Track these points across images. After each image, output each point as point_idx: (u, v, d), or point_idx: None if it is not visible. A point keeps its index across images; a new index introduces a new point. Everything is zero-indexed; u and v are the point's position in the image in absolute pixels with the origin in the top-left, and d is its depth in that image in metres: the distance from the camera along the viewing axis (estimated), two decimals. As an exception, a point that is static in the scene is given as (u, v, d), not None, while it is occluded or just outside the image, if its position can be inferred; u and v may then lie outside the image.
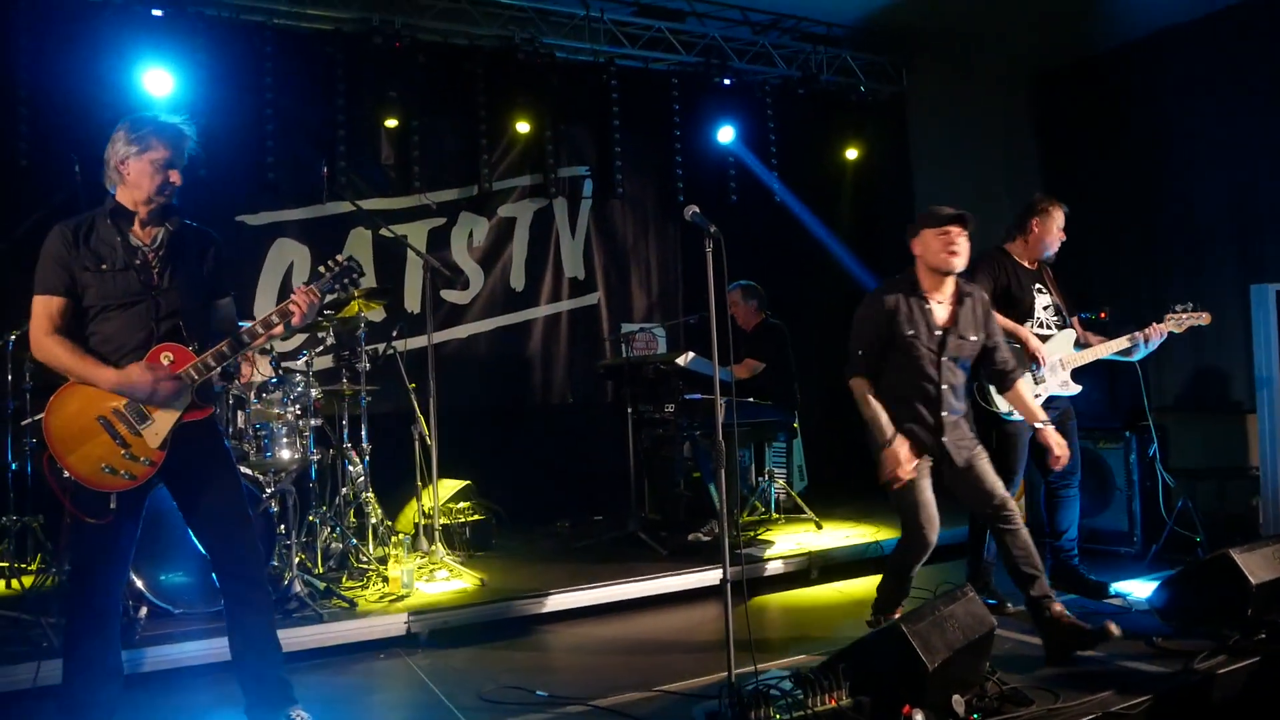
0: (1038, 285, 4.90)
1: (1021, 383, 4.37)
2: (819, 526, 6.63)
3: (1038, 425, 4.29)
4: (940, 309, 4.14)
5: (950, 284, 4.18)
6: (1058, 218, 4.89)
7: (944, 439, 4.08)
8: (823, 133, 8.77)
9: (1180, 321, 4.92)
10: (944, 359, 4.08)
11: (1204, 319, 4.96)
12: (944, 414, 4.08)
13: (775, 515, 7.03)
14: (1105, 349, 4.86)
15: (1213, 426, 6.69)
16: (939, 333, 4.10)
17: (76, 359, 3.15)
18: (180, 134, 3.27)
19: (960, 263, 4.07)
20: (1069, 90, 7.97)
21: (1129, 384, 5.76)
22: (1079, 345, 4.91)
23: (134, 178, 3.23)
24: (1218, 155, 6.88)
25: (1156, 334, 4.85)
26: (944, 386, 4.09)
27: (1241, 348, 6.16)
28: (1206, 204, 6.98)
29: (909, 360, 4.09)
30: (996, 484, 4.15)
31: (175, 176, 3.25)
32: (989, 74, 8.37)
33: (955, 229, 4.02)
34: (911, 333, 4.08)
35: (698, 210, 3.53)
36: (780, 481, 7.18)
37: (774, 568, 5.73)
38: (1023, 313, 4.80)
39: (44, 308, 3.18)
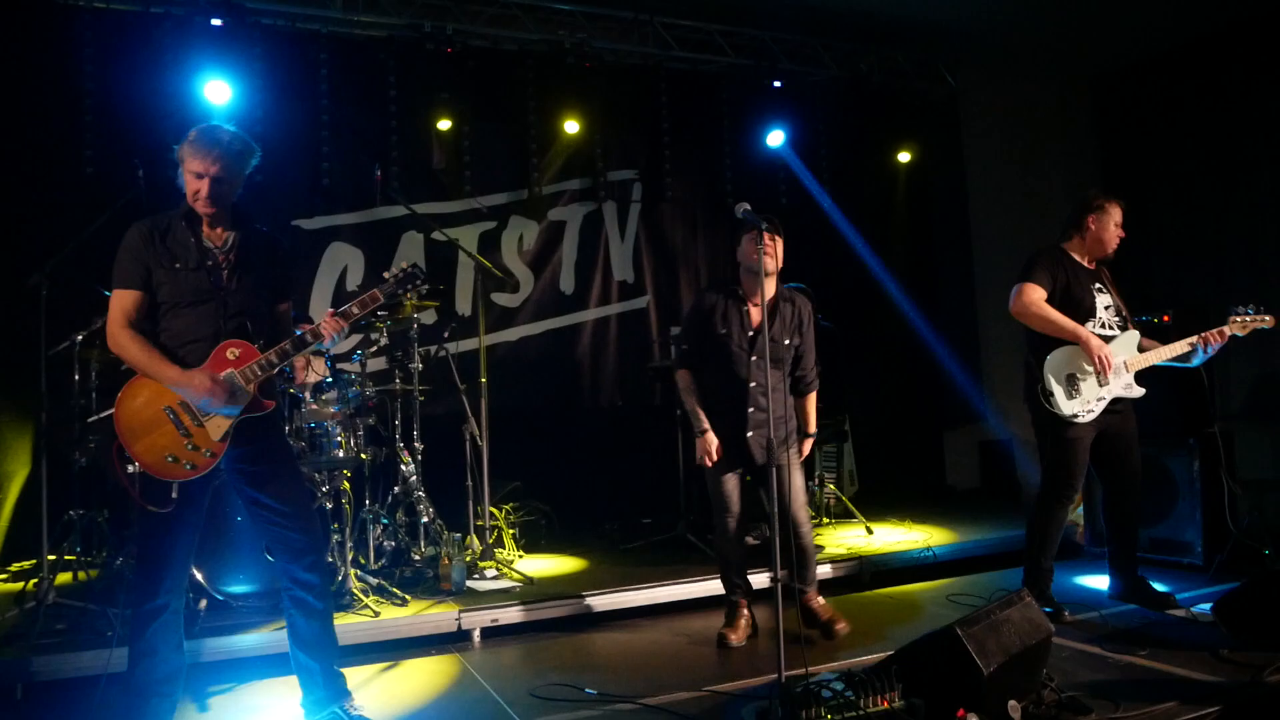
0: (1097, 285, 4.76)
1: (811, 397, 4.63)
2: (870, 531, 6.57)
3: None
4: (756, 311, 4.37)
5: (770, 287, 4.35)
6: (1115, 214, 4.74)
7: (747, 434, 4.33)
8: (874, 134, 8.69)
9: (1244, 324, 4.76)
10: (753, 358, 4.31)
11: (1268, 322, 4.79)
12: (749, 410, 4.34)
13: (825, 519, 6.99)
14: (1166, 352, 4.71)
15: (1282, 434, 6.53)
16: (750, 333, 4.35)
17: (145, 354, 3.25)
18: (211, 147, 3.30)
19: (772, 264, 4.26)
20: (1129, 90, 7.85)
21: (1193, 390, 5.59)
22: (1141, 348, 4.77)
23: (186, 187, 3.35)
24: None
25: (1218, 338, 4.68)
26: (752, 384, 4.32)
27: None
28: (1272, 205, 6.81)
29: (723, 357, 4.38)
30: (793, 495, 4.38)
31: (204, 188, 3.30)
32: (1045, 74, 8.26)
33: (767, 234, 4.02)
34: (724, 331, 4.36)
35: (749, 207, 3.53)
36: (831, 485, 7.13)
37: (825, 571, 5.67)
38: (1084, 313, 4.65)
39: (120, 302, 3.29)
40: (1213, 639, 4.13)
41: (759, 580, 5.28)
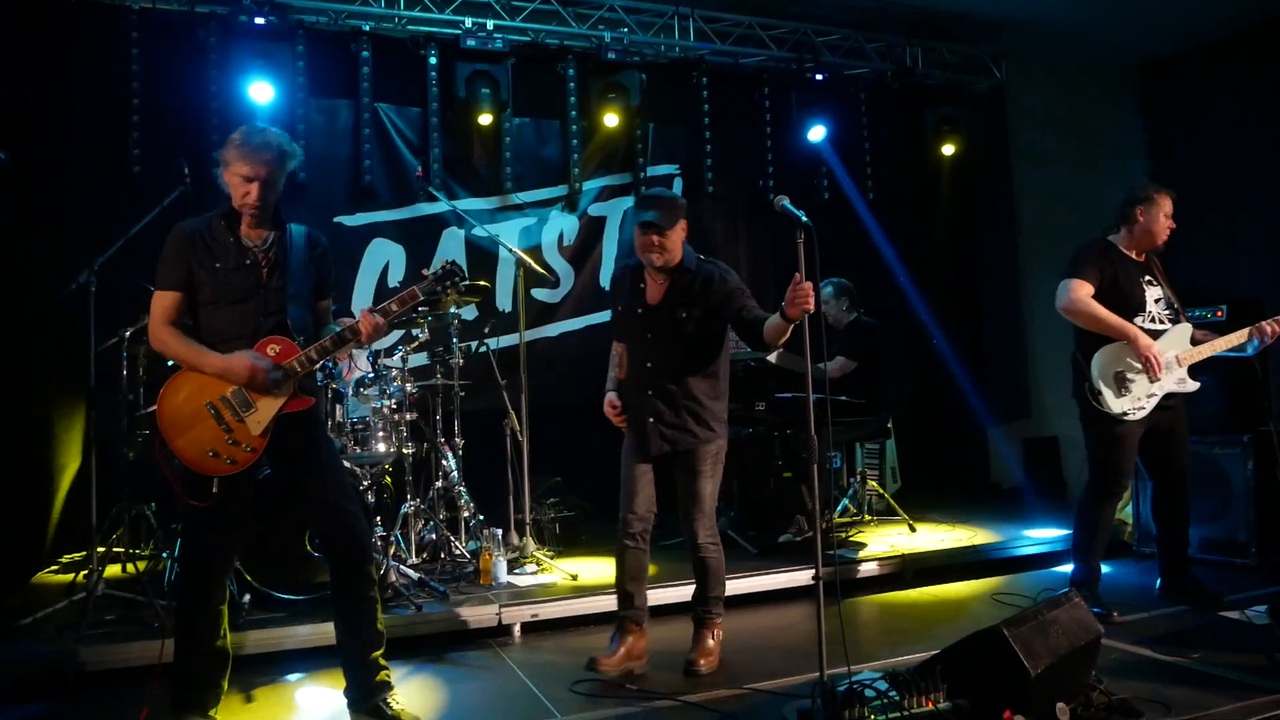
0: (1147, 277, 4.66)
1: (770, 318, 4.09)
2: (912, 529, 6.50)
3: None
4: (654, 288, 4.09)
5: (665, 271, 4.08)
6: (1165, 205, 4.64)
7: (648, 419, 4.05)
8: (918, 128, 8.55)
9: None
10: (647, 335, 4.08)
11: None
12: (648, 392, 4.05)
13: (867, 517, 6.93)
14: (1221, 344, 4.58)
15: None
16: (639, 310, 4.11)
17: (186, 347, 3.29)
18: (263, 149, 3.32)
19: (656, 259, 3.98)
20: (1180, 79, 7.66)
21: (1248, 386, 5.46)
22: (1194, 341, 4.67)
23: (229, 188, 3.37)
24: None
25: (1276, 328, 4.54)
26: (648, 364, 4.07)
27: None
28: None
29: (627, 333, 4.18)
30: (694, 501, 4.07)
31: (254, 190, 3.32)
32: (1092, 64, 8.10)
33: (652, 232, 3.93)
34: (621, 308, 4.18)
35: (788, 201, 3.47)
36: (873, 483, 7.06)
37: (867, 569, 5.63)
38: (1134, 307, 4.56)
39: (161, 302, 3.33)
40: (1267, 642, 4.03)
41: (798, 578, 5.26)
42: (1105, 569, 4.72)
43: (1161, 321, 4.62)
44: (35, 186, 5.81)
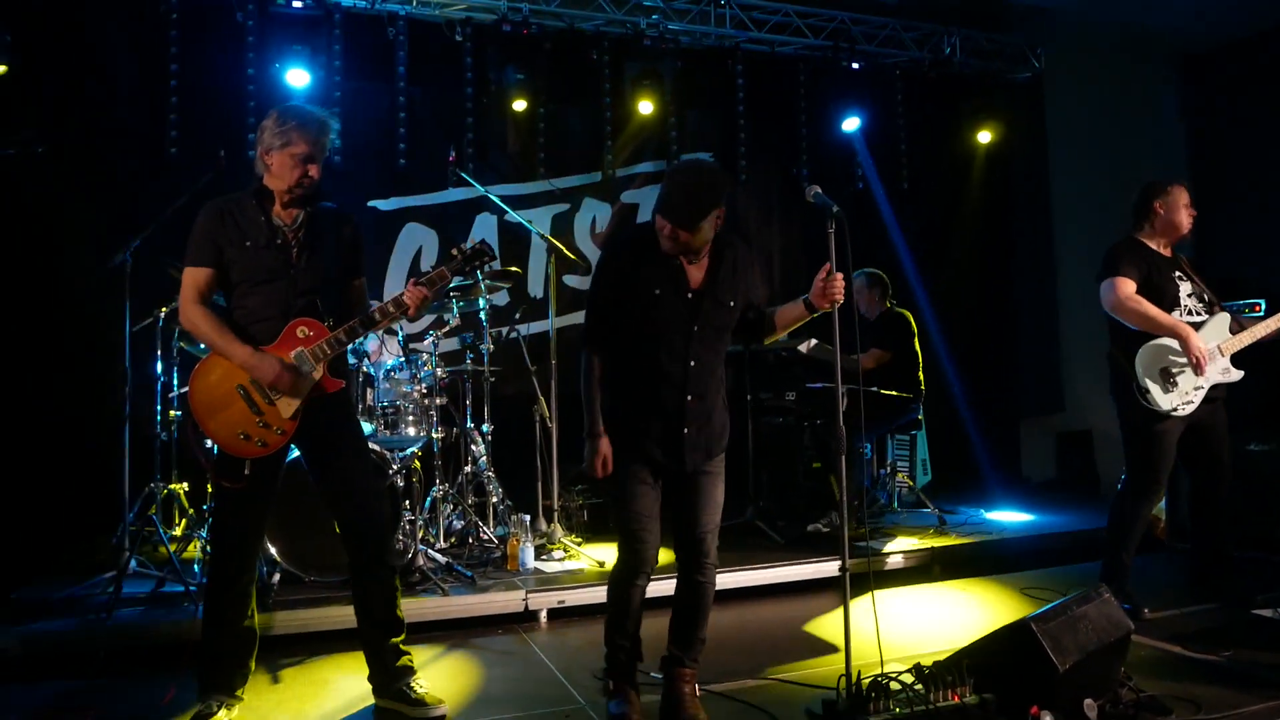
0: (1177, 273, 4.61)
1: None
2: (942, 521, 6.45)
3: None
4: (694, 269, 3.34)
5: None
6: (1181, 196, 4.61)
7: (683, 431, 3.33)
8: (954, 117, 8.46)
9: None
10: (695, 328, 3.33)
11: None
12: (688, 398, 3.33)
13: (897, 508, 6.88)
14: (1261, 329, 4.53)
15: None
16: (690, 295, 3.34)
17: (216, 331, 3.30)
18: (321, 129, 3.35)
19: (671, 249, 3.23)
20: (1220, 72, 7.54)
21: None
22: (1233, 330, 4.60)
23: (276, 169, 3.36)
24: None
25: None
26: (691, 363, 3.33)
27: None
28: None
29: (652, 327, 3.35)
30: (711, 514, 3.45)
31: (314, 170, 3.35)
32: (1133, 54, 7.97)
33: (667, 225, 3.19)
34: (657, 292, 3.30)
35: (820, 190, 3.42)
36: (902, 475, 7.01)
37: (895, 561, 5.60)
38: (1169, 302, 4.52)
39: (192, 279, 3.34)
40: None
41: (825, 569, 5.24)
42: (1136, 564, 4.65)
43: (1198, 314, 4.58)
44: (74, 168, 5.92)
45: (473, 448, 5.83)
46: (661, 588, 3.68)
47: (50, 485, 5.57)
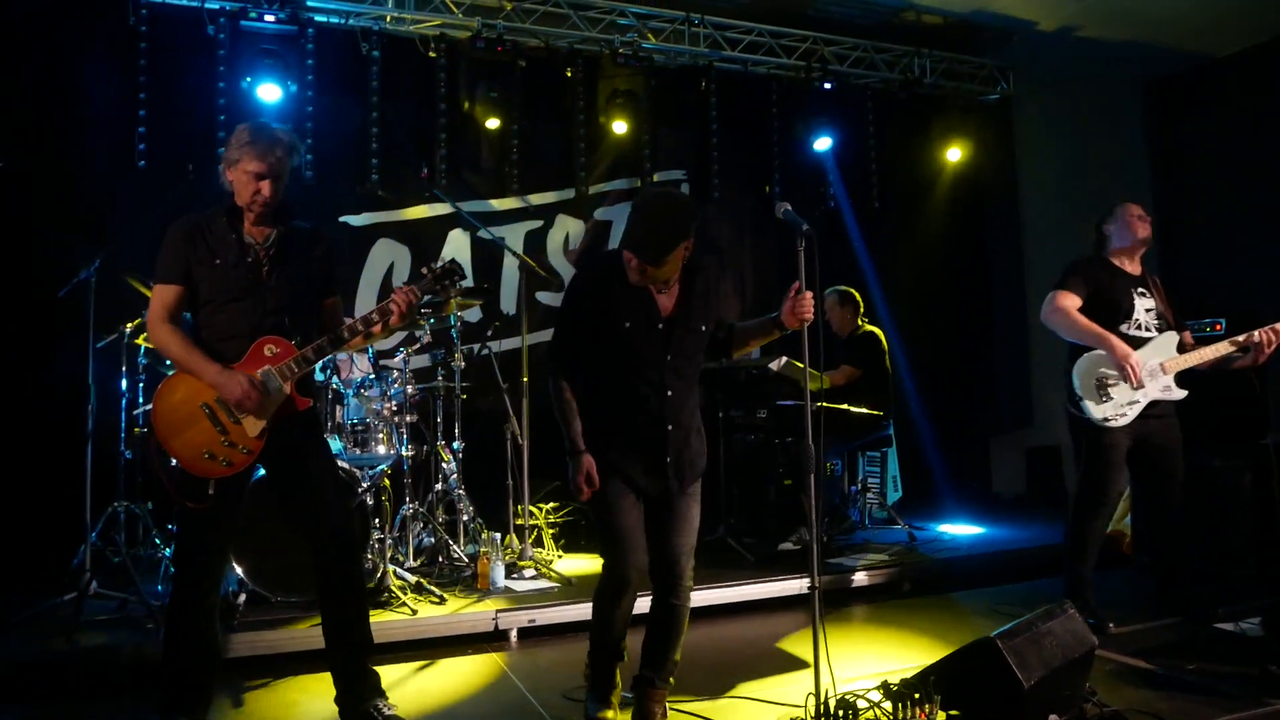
0: (1140, 289, 4.68)
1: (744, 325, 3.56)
2: (912, 538, 6.48)
3: None
4: (664, 296, 3.35)
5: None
6: (1127, 208, 4.74)
7: (666, 459, 3.35)
8: (925, 138, 8.55)
9: None
10: (668, 358, 3.34)
11: None
12: (669, 428, 3.35)
13: (868, 525, 6.91)
14: (1209, 353, 4.56)
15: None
16: (660, 325, 3.32)
17: (184, 349, 3.26)
18: (273, 146, 3.30)
19: (639, 281, 3.25)
20: (1185, 96, 7.68)
21: (1246, 399, 5.46)
22: (1182, 349, 4.66)
23: (235, 185, 3.35)
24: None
25: (1270, 338, 4.46)
26: (667, 392, 3.34)
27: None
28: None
29: (623, 357, 3.34)
30: (687, 537, 3.43)
31: (266, 188, 3.30)
32: (1099, 79, 8.10)
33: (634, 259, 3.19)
34: (627, 324, 3.29)
35: (790, 207, 3.43)
36: (873, 492, 7.05)
37: (864, 578, 5.61)
38: (1121, 314, 4.60)
39: (161, 296, 3.31)
40: (1261, 654, 4.00)
41: (795, 586, 5.25)
42: (1102, 579, 4.70)
43: (1149, 330, 4.63)
44: (41, 181, 5.85)
45: (443, 465, 5.80)
46: (636, 606, 3.64)
47: (10, 503, 5.48)
